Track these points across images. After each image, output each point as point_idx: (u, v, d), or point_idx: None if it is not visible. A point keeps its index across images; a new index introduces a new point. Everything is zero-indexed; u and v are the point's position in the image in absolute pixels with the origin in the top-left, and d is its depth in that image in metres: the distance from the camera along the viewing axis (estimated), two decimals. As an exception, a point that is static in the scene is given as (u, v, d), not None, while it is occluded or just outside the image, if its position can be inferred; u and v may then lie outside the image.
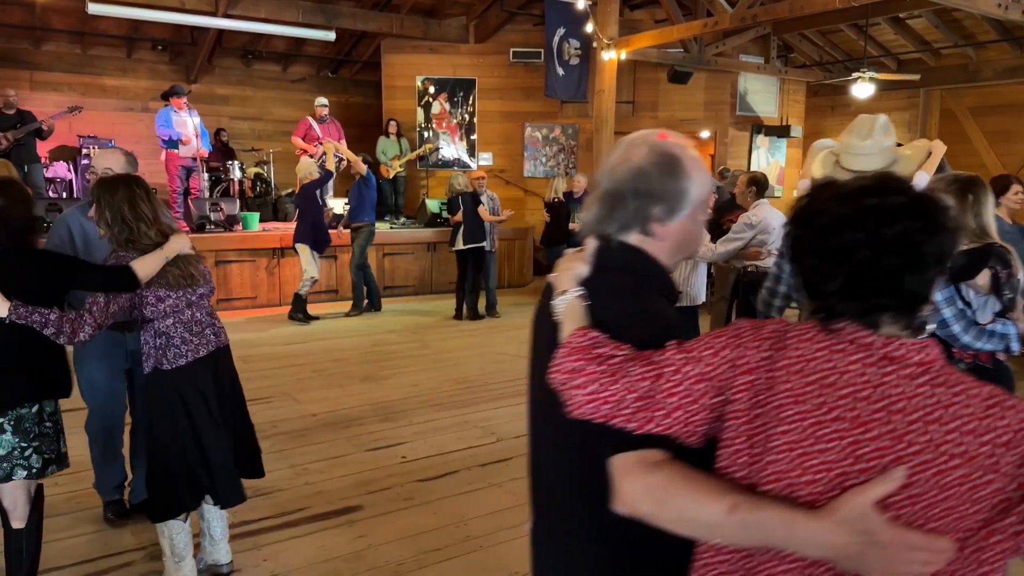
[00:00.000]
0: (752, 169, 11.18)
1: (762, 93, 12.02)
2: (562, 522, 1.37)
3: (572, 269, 1.31)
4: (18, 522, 2.60)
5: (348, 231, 8.57)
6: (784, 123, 12.12)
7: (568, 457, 1.33)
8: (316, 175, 8.01)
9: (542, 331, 1.41)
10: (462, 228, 8.24)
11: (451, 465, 4.16)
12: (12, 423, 2.52)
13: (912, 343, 1.04)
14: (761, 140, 12.02)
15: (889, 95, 11.34)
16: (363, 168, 8.37)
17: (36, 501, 2.68)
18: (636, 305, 1.27)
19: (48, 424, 2.63)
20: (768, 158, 12.13)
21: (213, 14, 9.67)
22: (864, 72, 9.48)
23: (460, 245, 8.27)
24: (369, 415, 5.01)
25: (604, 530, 1.27)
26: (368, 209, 8.38)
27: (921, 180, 3.81)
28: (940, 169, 3.13)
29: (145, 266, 2.64)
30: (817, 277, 1.09)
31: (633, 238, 1.33)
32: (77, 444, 4.05)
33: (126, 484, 3.53)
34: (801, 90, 12.48)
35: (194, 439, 2.78)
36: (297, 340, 7.32)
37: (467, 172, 9.30)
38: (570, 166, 11.59)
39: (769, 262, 5.15)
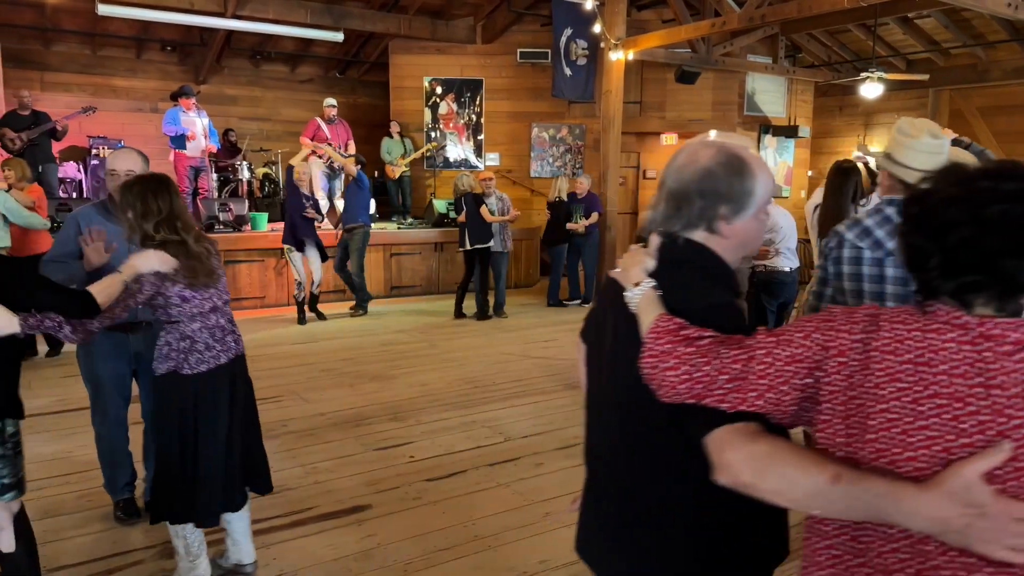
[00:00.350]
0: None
1: (770, 93, 12.00)
2: (620, 504, 1.43)
3: (640, 263, 1.36)
4: (7, 546, 2.47)
5: (341, 231, 8.52)
6: (792, 123, 12.09)
7: (633, 442, 1.38)
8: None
9: (606, 322, 1.48)
10: (467, 229, 8.28)
11: (459, 465, 4.16)
12: None
13: (1008, 321, 1.05)
14: (769, 140, 12.00)
15: (898, 95, 11.29)
16: (353, 170, 8.35)
17: (20, 520, 2.52)
18: (709, 297, 1.32)
19: (8, 445, 2.44)
20: (776, 158, 12.11)
21: (222, 15, 9.70)
22: (873, 72, 9.44)
23: (467, 246, 8.32)
24: (377, 414, 5.02)
25: (663, 513, 1.34)
26: (362, 210, 8.33)
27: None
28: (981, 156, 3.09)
29: (102, 290, 2.50)
30: (919, 254, 1.11)
31: (698, 235, 1.38)
32: (85, 443, 4.09)
33: (137, 482, 3.54)
34: (809, 90, 12.44)
35: (193, 451, 2.71)
36: (305, 340, 7.35)
37: (475, 172, 9.31)
38: (577, 166, 11.59)
39: (778, 261, 5.14)
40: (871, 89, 9.54)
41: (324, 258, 8.04)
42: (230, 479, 2.81)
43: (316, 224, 8.05)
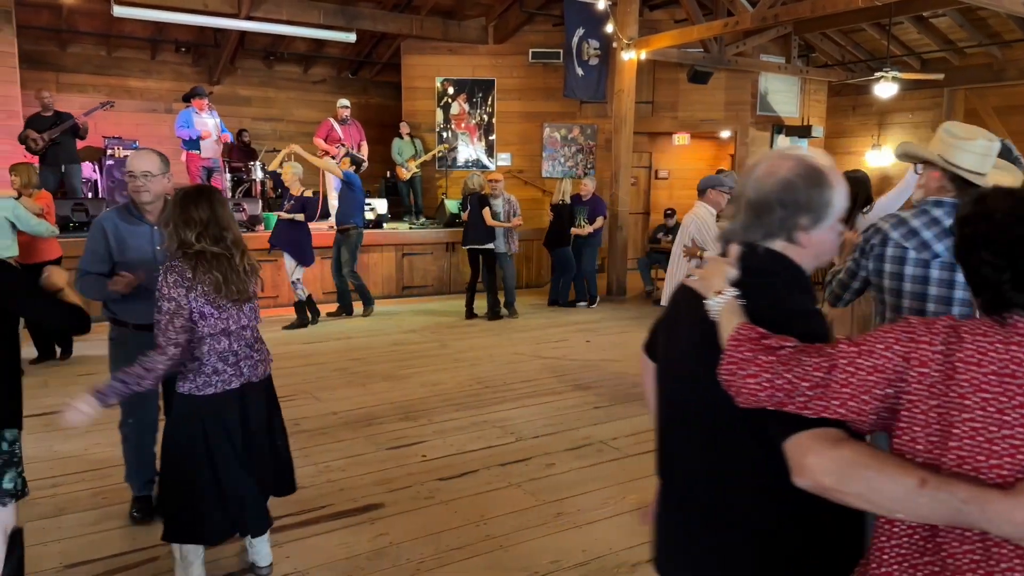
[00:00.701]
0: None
1: (783, 93, 11.94)
2: (699, 508, 1.45)
3: (721, 272, 1.40)
4: None
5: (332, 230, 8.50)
6: (805, 123, 12.04)
7: (713, 451, 1.41)
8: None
9: (679, 331, 1.52)
10: (468, 229, 8.33)
11: (470, 464, 4.17)
12: None
13: None
14: (782, 140, 11.94)
15: (912, 95, 11.22)
16: (339, 171, 8.35)
17: (14, 542, 2.43)
18: (791, 305, 1.35)
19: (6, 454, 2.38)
20: (788, 158, 12.05)
21: (235, 16, 9.76)
22: (887, 72, 9.39)
23: (466, 245, 8.38)
24: (389, 414, 5.04)
25: (743, 516, 1.36)
26: (356, 211, 8.30)
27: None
28: (1008, 156, 3.07)
29: (72, 299, 2.52)
30: (988, 269, 1.15)
31: (778, 245, 1.41)
32: (103, 441, 4.13)
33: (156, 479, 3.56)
34: (822, 90, 12.38)
35: (211, 473, 2.65)
36: (318, 339, 7.38)
37: (485, 173, 9.32)
38: (589, 166, 11.58)
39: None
40: (885, 89, 9.49)
41: (300, 263, 7.77)
42: (253, 498, 2.81)
43: (328, 225, 8.05)
